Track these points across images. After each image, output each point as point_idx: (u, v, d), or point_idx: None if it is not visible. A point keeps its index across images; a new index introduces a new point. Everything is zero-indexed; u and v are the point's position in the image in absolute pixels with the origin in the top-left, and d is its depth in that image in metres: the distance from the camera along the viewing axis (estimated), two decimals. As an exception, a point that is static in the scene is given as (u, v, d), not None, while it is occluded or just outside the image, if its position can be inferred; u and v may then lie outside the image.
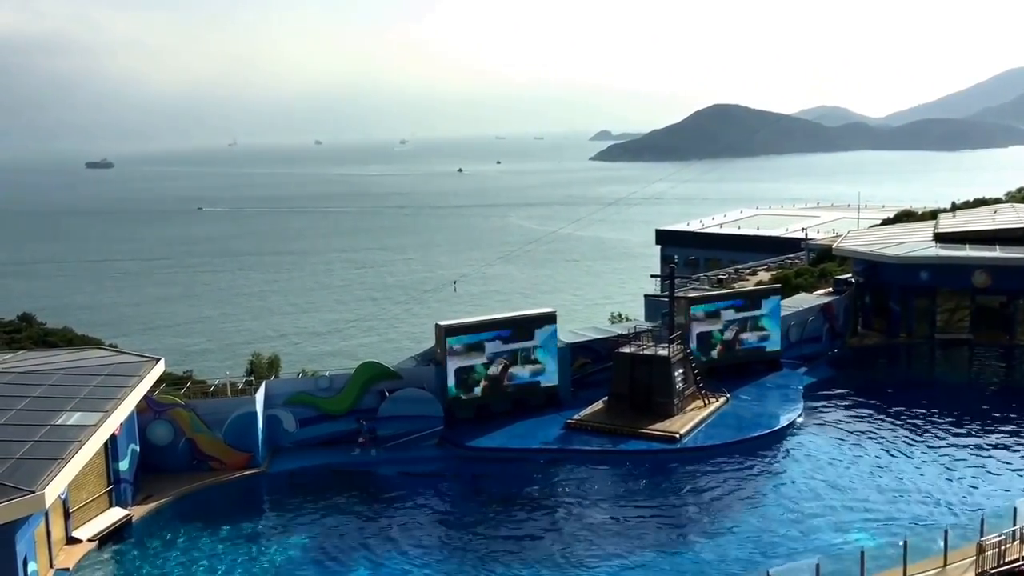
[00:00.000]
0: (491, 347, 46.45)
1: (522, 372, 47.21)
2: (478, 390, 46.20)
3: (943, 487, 37.90)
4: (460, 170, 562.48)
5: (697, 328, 52.10)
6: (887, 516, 35.11)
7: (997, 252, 60.76)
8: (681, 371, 46.88)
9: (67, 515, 33.42)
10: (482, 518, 36.80)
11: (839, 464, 40.68)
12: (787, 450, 42.75)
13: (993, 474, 39.16)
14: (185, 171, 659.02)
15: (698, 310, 52.67)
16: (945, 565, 28.42)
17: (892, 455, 41.59)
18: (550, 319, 48.21)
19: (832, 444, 43.29)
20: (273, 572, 32.46)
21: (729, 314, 53.14)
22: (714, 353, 52.56)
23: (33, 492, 26.21)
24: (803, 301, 60.20)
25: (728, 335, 53.02)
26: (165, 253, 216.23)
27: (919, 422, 45.93)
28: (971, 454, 41.54)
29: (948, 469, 39.85)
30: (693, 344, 51.03)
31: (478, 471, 41.60)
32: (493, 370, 46.48)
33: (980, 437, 43.69)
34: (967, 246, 62.59)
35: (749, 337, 53.58)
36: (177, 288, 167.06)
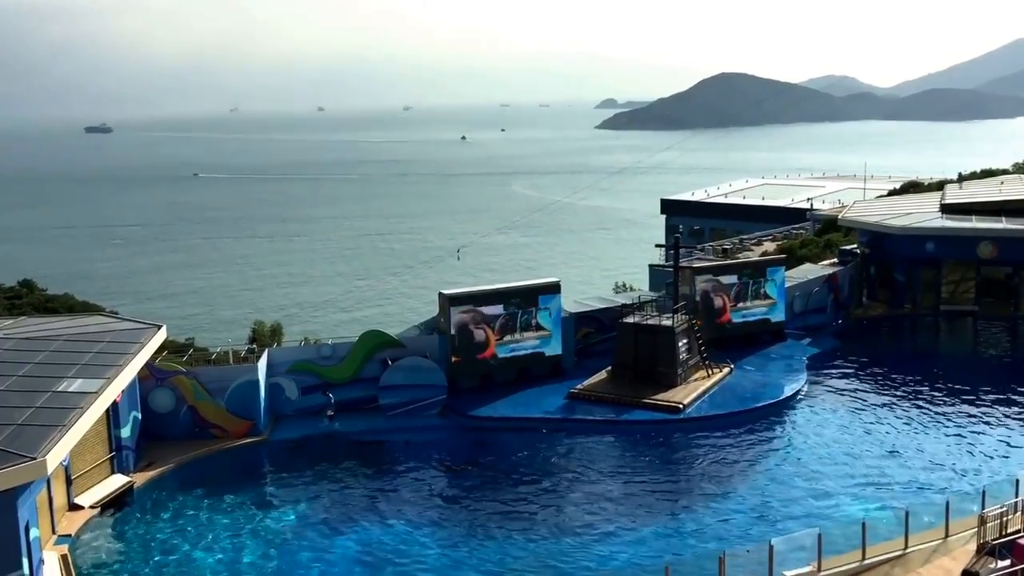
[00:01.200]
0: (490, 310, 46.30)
1: (524, 343, 47.16)
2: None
3: (946, 458, 37.94)
4: (463, 138, 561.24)
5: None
6: (889, 487, 35.17)
7: (1003, 223, 60.66)
8: (685, 341, 46.83)
9: (69, 482, 33.59)
10: (484, 487, 36.95)
11: (842, 434, 40.77)
12: (790, 421, 42.81)
13: (996, 445, 39.18)
14: (185, 136, 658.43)
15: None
16: (947, 536, 28.49)
17: (895, 426, 41.63)
18: (554, 289, 48.15)
19: (835, 415, 43.36)
20: (274, 539, 32.51)
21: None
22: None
23: (35, 458, 26.16)
24: (808, 272, 60.15)
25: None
26: (164, 219, 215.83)
27: (923, 393, 45.97)
28: (974, 425, 41.57)
29: (951, 440, 39.91)
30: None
31: (480, 440, 41.71)
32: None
33: (983, 408, 43.67)
34: (973, 217, 62.49)
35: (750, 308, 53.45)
36: (177, 256, 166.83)
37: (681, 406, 43.12)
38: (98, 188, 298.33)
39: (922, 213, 64.37)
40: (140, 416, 39.01)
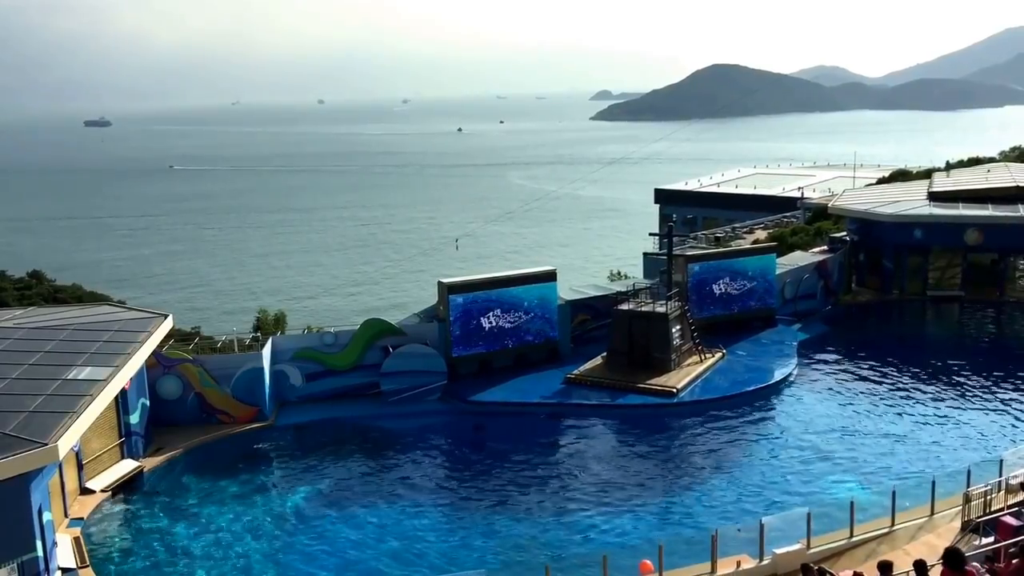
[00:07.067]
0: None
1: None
2: None
3: (932, 440, 38.67)
4: (459, 129, 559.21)
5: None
6: (877, 468, 35.84)
7: (989, 211, 61.35)
8: (678, 327, 47.58)
9: (80, 466, 34.19)
10: (484, 470, 37.64)
11: (831, 417, 41.47)
12: (780, 404, 43.57)
13: (981, 426, 39.96)
14: (186, 130, 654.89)
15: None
16: (932, 514, 28.99)
17: (883, 408, 42.40)
18: (551, 276, 48.97)
19: (824, 398, 44.13)
20: (279, 521, 33.25)
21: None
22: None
23: (46, 444, 26.60)
24: (798, 259, 60.81)
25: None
26: (166, 211, 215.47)
27: (910, 377, 46.69)
28: (960, 406, 42.37)
29: (937, 421, 40.68)
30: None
31: (480, 425, 42.50)
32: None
33: (969, 390, 44.46)
34: (960, 205, 63.11)
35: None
36: (182, 246, 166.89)
37: (675, 390, 43.88)
38: (99, 180, 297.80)
39: (910, 201, 64.97)
40: (148, 403, 39.76)
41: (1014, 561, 19.44)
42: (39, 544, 26.98)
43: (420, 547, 31.02)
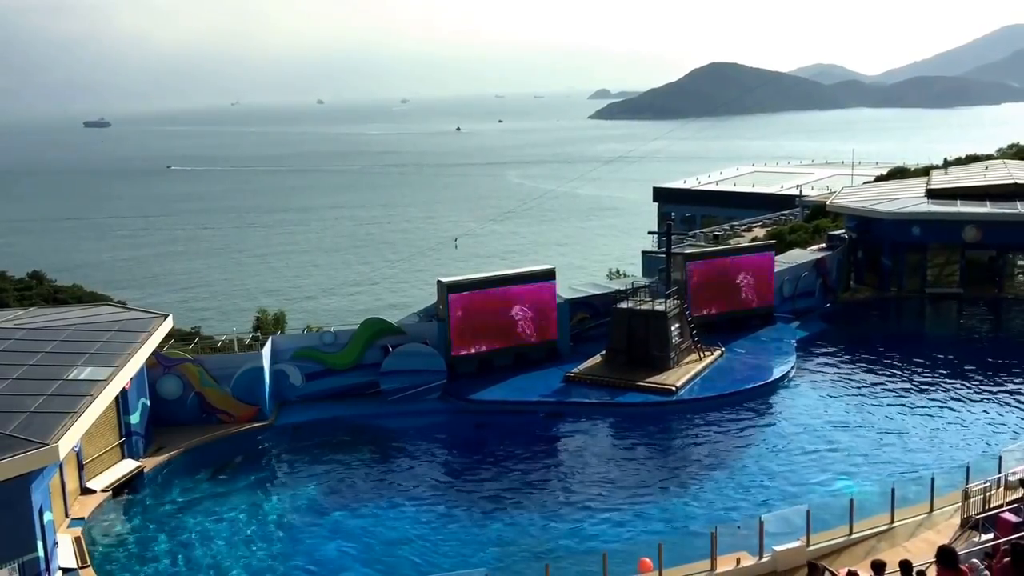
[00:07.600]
0: None
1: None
2: None
3: (931, 435, 38.76)
4: (458, 129, 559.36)
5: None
6: (876, 465, 35.86)
7: (987, 208, 61.44)
8: (677, 325, 47.63)
9: (81, 467, 34.15)
10: (483, 468, 37.66)
11: (830, 415, 41.53)
12: (779, 401, 43.57)
13: (980, 422, 40.04)
14: (185, 130, 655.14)
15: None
16: (931, 511, 29.00)
17: (882, 405, 42.45)
18: (550, 275, 49.03)
19: (823, 396, 44.20)
20: (280, 519, 33.29)
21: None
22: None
23: (47, 444, 26.61)
24: (797, 257, 60.93)
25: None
26: (165, 211, 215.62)
27: (909, 373, 46.78)
28: (959, 403, 42.40)
29: (936, 418, 40.74)
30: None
31: (480, 423, 42.54)
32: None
33: (968, 387, 44.51)
34: (958, 202, 63.22)
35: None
36: (181, 246, 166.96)
37: (674, 388, 43.91)
38: (99, 181, 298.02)
39: (908, 198, 65.08)
40: (148, 403, 39.80)
41: (1006, 560, 19.44)
42: (40, 544, 26.95)
43: (420, 546, 31.01)
